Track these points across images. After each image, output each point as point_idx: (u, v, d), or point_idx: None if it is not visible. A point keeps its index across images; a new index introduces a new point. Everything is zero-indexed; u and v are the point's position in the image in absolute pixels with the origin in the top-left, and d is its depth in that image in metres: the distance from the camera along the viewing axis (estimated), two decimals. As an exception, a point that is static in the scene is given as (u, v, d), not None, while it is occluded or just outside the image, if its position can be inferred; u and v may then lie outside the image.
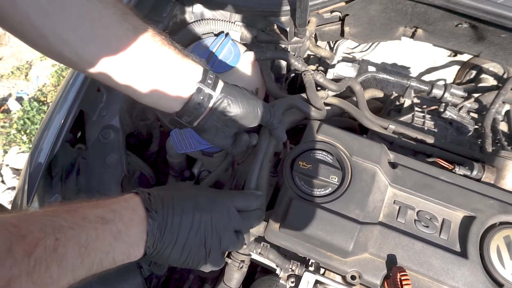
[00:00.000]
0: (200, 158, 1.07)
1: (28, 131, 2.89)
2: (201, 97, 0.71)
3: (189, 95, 0.70)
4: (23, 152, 2.80)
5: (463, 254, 0.78)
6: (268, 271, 1.02)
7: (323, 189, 0.84)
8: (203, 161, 1.07)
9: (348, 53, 1.54)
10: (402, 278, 0.77)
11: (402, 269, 0.78)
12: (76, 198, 0.87)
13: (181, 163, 1.11)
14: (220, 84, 0.75)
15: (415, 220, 0.83)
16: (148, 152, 1.10)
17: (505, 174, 0.91)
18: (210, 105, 0.72)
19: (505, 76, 1.37)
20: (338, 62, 1.51)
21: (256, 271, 1.06)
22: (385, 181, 0.85)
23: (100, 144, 0.92)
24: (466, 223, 0.81)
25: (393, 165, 0.89)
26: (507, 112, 1.23)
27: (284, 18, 1.08)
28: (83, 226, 0.51)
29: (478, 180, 0.92)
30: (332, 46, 1.49)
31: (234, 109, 0.74)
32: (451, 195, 0.83)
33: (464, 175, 0.92)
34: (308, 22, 1.14)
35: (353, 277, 0.79)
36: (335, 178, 0.85)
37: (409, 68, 1.55)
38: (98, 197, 0.60)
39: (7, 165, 2.75)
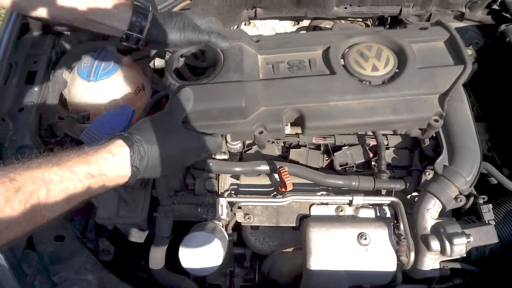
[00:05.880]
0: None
1: None
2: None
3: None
4: None
5: (332, 72, 0.94)
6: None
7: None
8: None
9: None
10: (283, 175, 1.03)
11: (281, 167, 1.04)
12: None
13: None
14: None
15: (288, 68, 0.97)
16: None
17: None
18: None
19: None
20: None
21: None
22: (252, 51, 0.99)
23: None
24: (326, 54, 0.98)
25: (256, 40, 1.05)
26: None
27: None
28: (71, 179, 0.61)
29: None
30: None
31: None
32: (307, 41, 1.01)
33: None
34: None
35: (261, 132, 0.90)
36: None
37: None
38: None
39: None
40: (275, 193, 1.11)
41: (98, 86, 1.19)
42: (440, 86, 0.91)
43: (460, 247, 0.95)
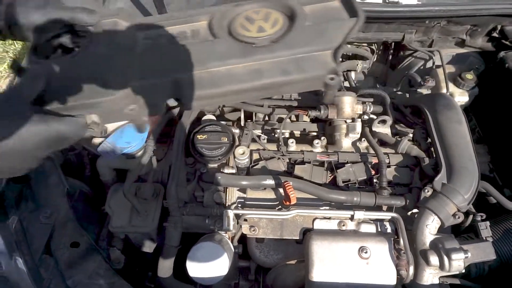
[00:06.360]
0: (127, 167, 1.31)
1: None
2: None
3: None
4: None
5: (214, 36, 0.85)
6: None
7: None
8: (130, 168, 1.31)
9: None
10: (287, 189, 1.08)
11: (286, 181, 1.09)
12: (30, 217, 1.08)
13: (114, 179, 1.34)
14: None
15: (168, 40, 0.86)
16: (85, 175, 1.32)
17: (341, 106, 1.29)
18: None
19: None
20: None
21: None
22: (129, 27, 0.87)
23: (39, 171, 1.14)
24: (210, 26, 0.88)
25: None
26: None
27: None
28: None
29: (326, 118, 1.28)
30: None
31: None
32: (191, 13, 0.91)
33: (316, 117, 1.29)
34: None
35: (132, 109, 0.77)
36: (225, 139, 1.16)
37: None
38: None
39: None
40: (279, 206, 1.16)
41: (116, 102, 1.27)
42: (333, 41, 0.83)
43: (458, 262, 0.98)
